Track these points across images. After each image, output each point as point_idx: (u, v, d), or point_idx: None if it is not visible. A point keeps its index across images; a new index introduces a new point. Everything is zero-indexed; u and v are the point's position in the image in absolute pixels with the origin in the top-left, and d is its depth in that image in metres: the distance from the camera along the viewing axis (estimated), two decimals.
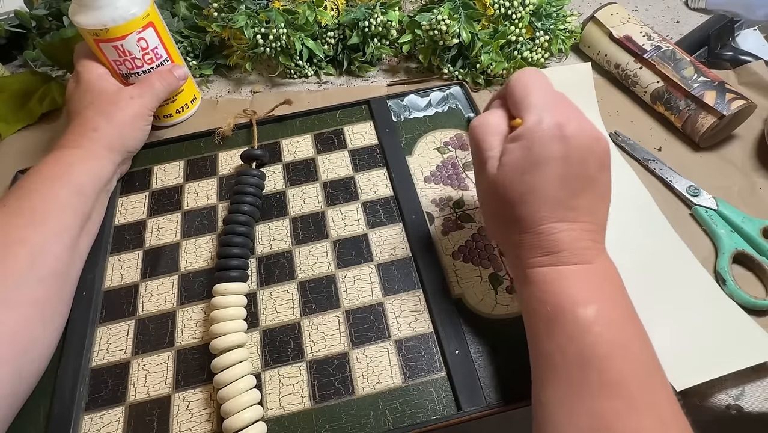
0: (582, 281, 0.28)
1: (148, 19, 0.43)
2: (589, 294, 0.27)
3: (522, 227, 0.29)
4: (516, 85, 0.30)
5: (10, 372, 0.31)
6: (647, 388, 0.25)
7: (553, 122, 0.28)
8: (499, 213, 0.30)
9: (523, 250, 0.29)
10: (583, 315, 0.26)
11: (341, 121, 0.50)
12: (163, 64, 0.46)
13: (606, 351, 0.25)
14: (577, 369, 0.26)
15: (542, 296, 0.28)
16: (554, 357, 0.27)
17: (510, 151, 0.29)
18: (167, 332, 0.37)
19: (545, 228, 0.28)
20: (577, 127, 0.28)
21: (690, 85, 0.45)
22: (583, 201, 0.28)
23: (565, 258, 0.28)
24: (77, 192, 0.39)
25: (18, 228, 0.35)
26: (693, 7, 0.62)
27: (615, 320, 0.27)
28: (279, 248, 0.41)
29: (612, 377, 0.25)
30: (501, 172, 0.29)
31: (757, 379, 0.34)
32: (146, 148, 0.48)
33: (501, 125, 0.31)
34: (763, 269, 0.38)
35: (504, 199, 0.29)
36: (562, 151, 0.27)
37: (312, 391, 0.34)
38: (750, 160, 0.46)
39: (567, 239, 0.28)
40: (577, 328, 0.26)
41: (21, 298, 0.33)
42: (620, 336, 0.26)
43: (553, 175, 0.28)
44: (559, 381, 0.26)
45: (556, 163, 0.27)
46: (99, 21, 0.41)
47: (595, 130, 0.29)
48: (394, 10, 0.52)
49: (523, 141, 0.28)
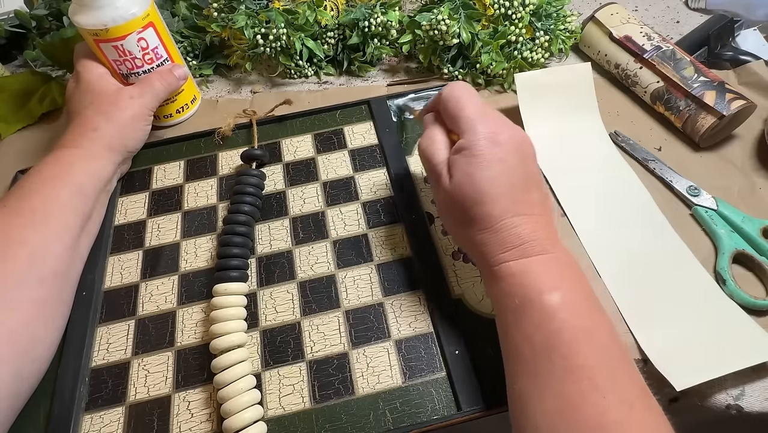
0: (546, 269, 0.29)
1: (148, 19, 0.43)
2: (554, 282, 0.29)
3: (482, 226, 0.31)
4: (449, 101, 0.34)
5: (11, 372, 0.31)
6: (611, 370, 0.26)
7: (488, 131, 0.31)
8: (460, 218, 0.32)
9: (486, 248, 0.31)
10: (549, 302, 0.28)
11: (341, 121, 0.50)
12: (163, 64, 0.46)
13: (571, 336, 0.27)
14: (544, 356, 0.27)
15: (510, 289, 0.30)
16: (523, 348, 0.28)
17: (457, 163, 0.32)
18: (167, 332, 0.37)
19: (504, 223, 0.30)
20: (507, 132, 0.32)
21: (690, 85, 0.45)
22: (532, 195, 0.31)
23: (527, 250, 0.30)
24: (77, 192, 0.39)
25: (18, 228, 0.35)
26: (693, 7, 0.62)
27: (579, 305, 0.28)
28: (279, 248, 0.41)
29: (577, 361, 0.26)
30: (453, 182, 0.32)
31: (757, 379, 0.34)
32: (146, 148, 0.48)
33: (444, 140, 0.35)
34: (763, 269, 0.38)
35: (462, 205, 0.31)
36: (501, 154, 0.31)
37: (312, 391, 0.34)
38: (750, 160, 0.46)
39: (526, 231, 0.30)
40: (544, 315, 0.28)
41: (21, 298, 0.33)
42: (584, 322, 0.28)
43: (499, 175, 0.31)
44: (528, 371, 0.28)
45: (499, 164, 0.31)
46: (99, 21, 0.41)
47: (521, 132, 0.33)
48: (394, 10, 0.52)
49: (465, 151, 0.32)
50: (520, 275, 0.29)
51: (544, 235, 0.31)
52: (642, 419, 0.25)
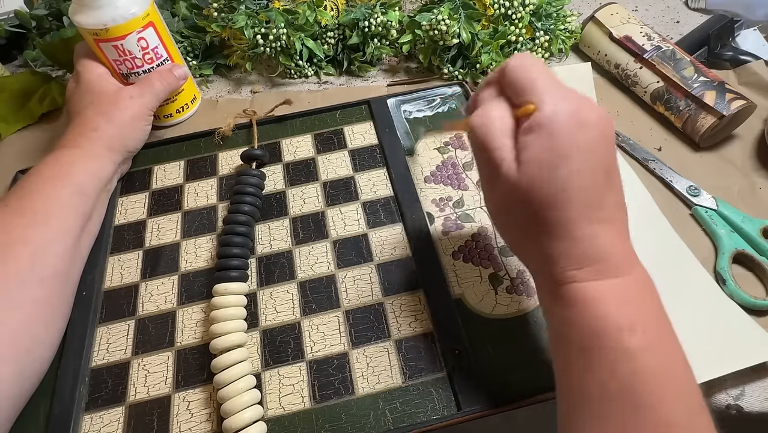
0: (625, 298, 0.25)
1: (148, 18, 0.43)
2: (635, 315, 0.24)
3: (554, 234, 0.25)
4: (517, 71, 0.26)
5: (12, 372, 0.31)
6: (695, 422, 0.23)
7: (572, 108, 0.24)
8: (525, 221, 0.26)
9: (555, 263, 0.25)
10: (630, 342, 0.23)
11: (341, 121, 0.50)
12: (163, 63, 0.46)
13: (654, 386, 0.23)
14: (617, 406, 0.23)
15: (579, 319, 0.25)
16: (590, 388, 0.24)
17: (529, 145, 0.25)
18: (167, 332, 0.37)
19: (581, 233, 0.25)
20: (595, 112, 0.25)
21: (690, 85, 0.45)
22: (611, 196, 0.25)
23: (603, 270, 0.25)
24: (78, 192, 0.39)
25: (20, 228, 0.35)
26: (693, 7, 0.62)
27: (661, 344, 0.24)
28: (279, 248, 0.41)
29: (661, 416, 0.22)
30: (523, 171, 0.25)
31: (757, 379, 0.34)
32: (146, 148, 0.48)
33: (506, 118, 0.26)
34: (763, 269, 0.38)
35: (532, 203, 0.25)
36: (588, 140, 0.24)
37: (312, 391, 0.34)
38: (750, 160, 0.46)
39: (605, 243, 0.25)
40: (622, 357, 0.23)
41: (23, 298, 0.33)
42: (668, 364, 0.24)
43: (583, 166, 0.24)
44: (595, 415, 0.24)
45: (583, 153, 0.24)
46: (99, 21, 0.41)
47: (607, 114, 0.26)
48: (394, 10, 0.52)
49: (544, 131, 0.24)
50: (594, 303, 0.24)
51: (622, 250, 0.25)
52: None
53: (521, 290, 0.38)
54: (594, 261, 0.25)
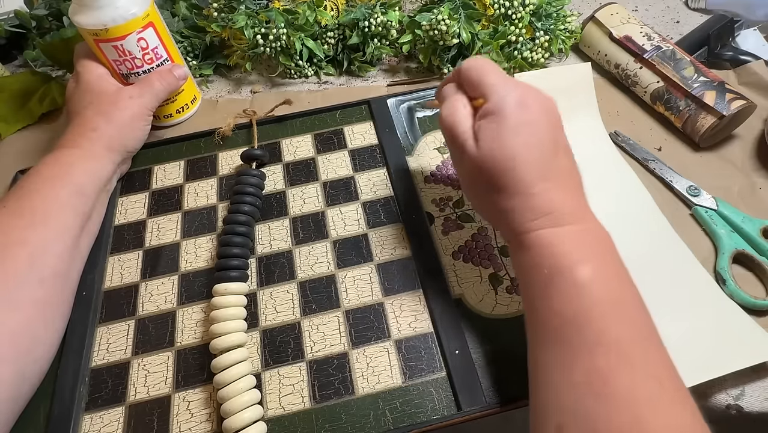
0: (577, 241, 0.28)
1: (148, 19, 0.43)
2: (585, 254, 0.28)
3: (512, 192, 0.30)
4: (470, 70, 0.32)
5: (12, 373, 0.31)
6: (643, 347, 0.26)
7: (516, 95, 0.30)
8: (486, 187, 0.31)
9: (515, 216, 0.30)
10: (580, 275, 0.27)
11: (341, 121, 0.50)
12: (163, 64, 0.46)
13: (602, 311, 0.26)
14: (573, 330, 0.26)
15: (539, 259, 0.28)
16: (551, 319, 0.27)
17: (484, 128, 0.30)
18: (167, 332, 0.37)
19: (536, 189, 0.29)
20: (534, 96, 0.31)
21: (690, 85, 0.45)
22: (561, 161, 0.30)
23: (558, 219, 0.29)
24: (77, 192, 0.39)
25: (18, 229, 0.35)
26: (693, 7, 0.62)
27: (611, 279, 0.28)
28: (279, 248, 0.41)
29: (609, 337, 0.25)
30: (480, 148, 0.30)
31: (757, 379, 0.34)
32: (146, 148, 0.48)
33: (467, 108, 0.33)
34: (763, 269, 0.38)
35: (491, 172, 0.30)
36: (530, 118, 0.30)
37: (312, 391, 0.34)
38: (750, 160, 0.46)
39: (557, 198, 0.29)
40: (575, 289, 0.27)
41: (22, 298, 0.33)
42: (616, 296, 0.27)
43: (530, 139, 0.29)
44: (555, 342, 0.27)
45: (529, 128, 0.30)
46: (99, 21, 0.41)
47: (549, 97, 0.32)
48: (394, 10, 0.52)
49: (493, 116, 0.30)
50: (549, 246, 0.28)
51: (576, 204, 0.30)
52: (672, 396, 0.24)
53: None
54: (547, 212, 0.29)
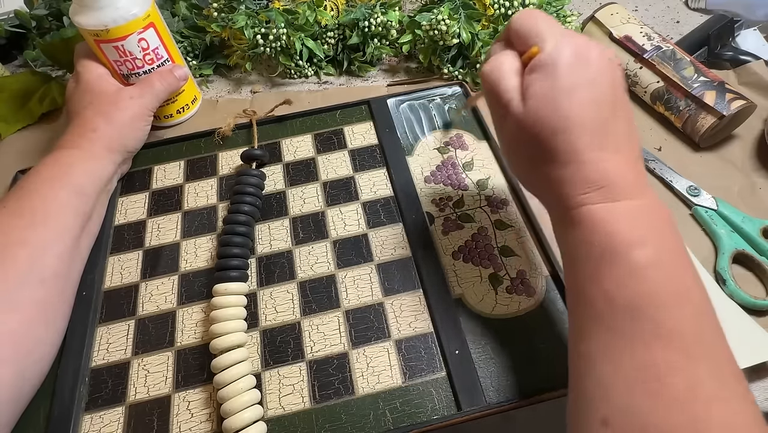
0: (635, 219, 0.25)
1: (149, 19, 0.43)
2: (644, 234, 0.25)
3: (563, 160, 0.26)
4: (522, 21, 0.28)
5: (13, 373, 0.31)
6: (706, 342, 0.23)
7: (574, 46, 0.26)
8: (533, 153, 0.28)
9: (565, 187, 0.27)
10: (638, 258, 0.24)
11: (341, 121, 0.50)
12: (163, 64, 0.46)
13: (662, 300, 0.23)
14: (627, 318, 0.23)
15: (590, 237, 0.25)
16: (600, 305, 0.25)
17: (534, 83, 0.27)
18: (167, 332, 0.37)
19: (589, 157, 0.26)
20: (598, 49, 0.27)
21: (690, 85, 0.45)
22: (620, 126, 0.27)
23: (613, 193, 0.26)
24: (77, 192, 0.39)
25: (18, 229, 0.35)
26: (693, 7, 0.62)
27: (672, 264, 0.25)
28: (279, 248, 0.41)
29: (668, 328, 0.23)
30: (529, 107, 0.27)
31: (757, 379, 0.34)
32: (146, 148, 0.48)
33: (514, 63, 0.28)
34: (763, 269, 0.38)
35: (539, 135, 0.27)
36: (590, 74, 0.26)
37: (312, 391, 0.34)
38: (750, 160, 0.46)
39: (613, 169, 0.26)
40: (631, 273, 0.24)
41: (23, 299, 0.33)
42: (678, 284, 0.24)
43: (586, 98, 0.26)
44: (604, 330, 0.24)
45: (585, 87, 0.26)
46: (100, 21, 0.41)
47: (610, 53, 0.28)
48: (394, 10, 0.52)
49: (546, 69, 0.26)
50: (603, 222, 0.25)
51: (634, 177, 0.26)
52: (733, 396, 0.22)
53: (521, 290, 0.38)
54: (600, 185, 0.26)
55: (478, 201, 0.43)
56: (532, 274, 0.38)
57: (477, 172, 0.45)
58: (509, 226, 0.41)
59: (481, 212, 0.42)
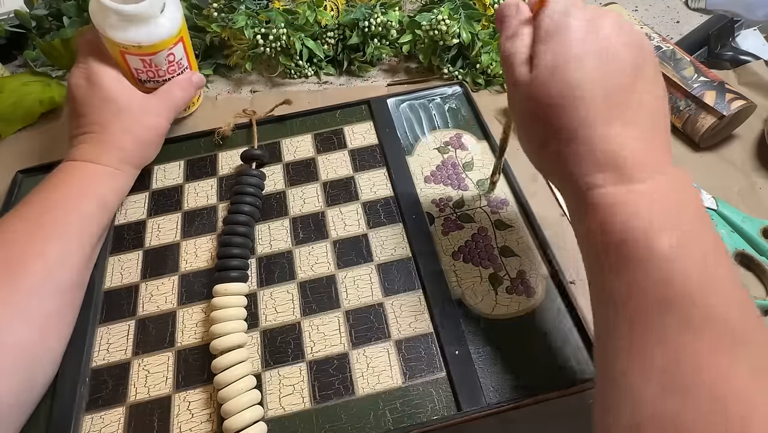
0: (656, 201, 0.23)
1: (180, 34, 0.43)
2: (667, 219, 0.23)
3: (572, 136, 0.24)
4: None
5: (21, 382, 0.31)
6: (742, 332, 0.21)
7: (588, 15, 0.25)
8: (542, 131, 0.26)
9: (579, 166, 0.24)
10: (660, 246, 0.22)
11: (341, 121, 0.50)
12: (182, 72, 0.46)
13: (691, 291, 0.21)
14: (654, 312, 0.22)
15: (606, 224, 0.23)
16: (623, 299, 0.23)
17: (542, 51, 0.25)
18: (167, 333, 0.37)
19: (602, 132, 0.24)
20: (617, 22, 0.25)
21: (690, 85, 0.45)
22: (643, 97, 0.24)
23: (630, 172, 0.23)
24: (101, 207, 0.39)
25: (37, 240, 0.35)
26: (693, 7, 0.62)
27: (700, 251, 0.22)
28: (279, 248, 0.41)
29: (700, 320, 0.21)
30: (536, 76, 0.25)
31: None
32: None
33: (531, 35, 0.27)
34: (763, 269, 0.38)
35: (546, 109, 0.25)
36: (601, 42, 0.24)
37: (312, 391, 0.34)
38: (750, 160, 0.46)
39: (630, 146, 0.24)
40: (654, 263, 0.22)
41: (37, 310, 0.33)
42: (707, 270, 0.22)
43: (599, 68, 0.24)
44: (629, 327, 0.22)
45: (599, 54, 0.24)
46: (134, 39, 0.40)
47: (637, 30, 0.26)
48: (394, 10, 0.53)
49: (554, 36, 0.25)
50: (621, 207, 0.23)
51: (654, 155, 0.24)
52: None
53: (521, 290, 0.38)
54: (615, 165, 0.24)
55: (478, 201, 0.43)
56: (532, 274, 0.38)
57: (477, 172, 0.45)
58: (509, 226, 0.41)
59: (481, 212, 0.42)
